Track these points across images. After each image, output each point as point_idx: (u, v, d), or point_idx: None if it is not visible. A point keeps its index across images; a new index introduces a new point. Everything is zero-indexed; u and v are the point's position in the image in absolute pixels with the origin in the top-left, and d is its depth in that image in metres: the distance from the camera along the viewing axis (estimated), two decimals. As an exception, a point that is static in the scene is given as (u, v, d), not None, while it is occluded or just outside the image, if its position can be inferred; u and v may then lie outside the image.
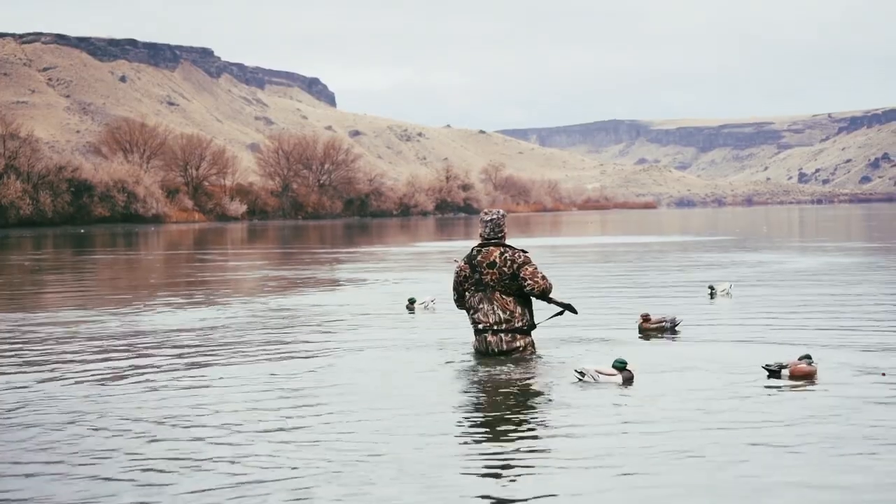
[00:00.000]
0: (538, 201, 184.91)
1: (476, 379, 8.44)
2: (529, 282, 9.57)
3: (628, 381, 8.09)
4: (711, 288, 15.41)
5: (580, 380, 8.09)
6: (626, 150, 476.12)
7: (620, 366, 8.18)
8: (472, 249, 9.89)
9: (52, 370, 9.18)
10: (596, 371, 8.12)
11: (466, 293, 9.83)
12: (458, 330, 11.30)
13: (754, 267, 22.45)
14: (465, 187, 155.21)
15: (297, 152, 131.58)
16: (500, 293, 9.60)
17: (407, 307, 14.13)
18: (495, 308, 9.58)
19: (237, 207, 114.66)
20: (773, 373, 8.16)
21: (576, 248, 34.76)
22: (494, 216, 9.88)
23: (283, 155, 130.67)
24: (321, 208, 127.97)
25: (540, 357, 9.48)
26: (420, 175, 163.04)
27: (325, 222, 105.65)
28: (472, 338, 10.09)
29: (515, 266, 9.59)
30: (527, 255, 9.78)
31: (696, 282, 18.07)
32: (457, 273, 9.89)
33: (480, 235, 9.91)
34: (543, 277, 9.70)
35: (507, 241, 9.96)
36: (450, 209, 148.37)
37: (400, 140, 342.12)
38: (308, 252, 35.48)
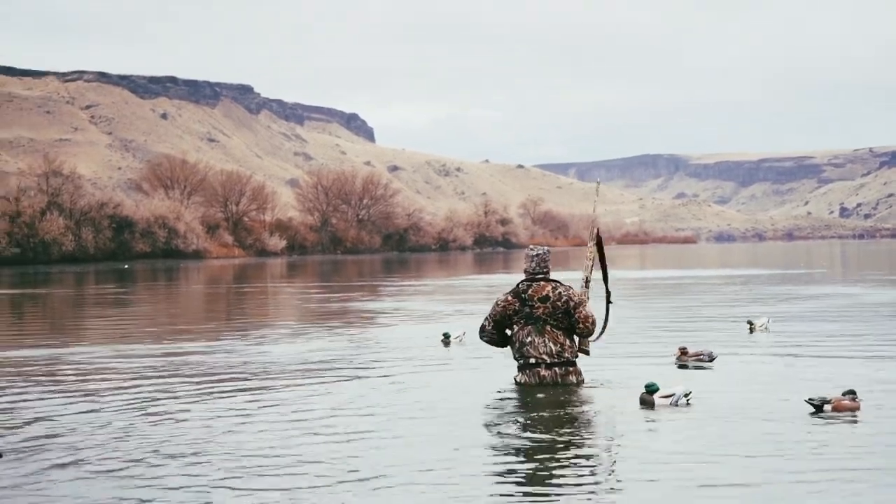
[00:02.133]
0: (577, 235, 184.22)
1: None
2: (582, 325, 9.85)
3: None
4: (750, 322, 15.33)
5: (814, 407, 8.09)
6: (665, 185, 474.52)
7: (653, 388, 8.50)
8: (520, 284, 10.00)
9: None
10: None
11: (515, 326, 9.95)
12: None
13: (834, 299, 22.32)
14: (504, 222, 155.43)
15: (335, 187, 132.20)
16: (552, 327, 9.80)
17: (442, 341, 14.16)
18: (546, 341, 9.77)
19: (276, 242, 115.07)
20: (817, 407, 8.08)
21: (637, 280, 34.60)
22: (541, 251, 10.11)
23: (321, 190, 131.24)
24: (360, 243, 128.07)
25: (591, 386, 9.63)
26: (458, 210, 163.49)
27: (364, 257, 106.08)
28: (513, 373, 10.13)
29: (571, 304, 9.82)
30: (578, 293, 9.96)
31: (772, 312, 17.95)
32: (503, 307, 9.95)
33: (525, 270, 10.08)
34: (594, 322, 9.93)
35: (552, 277, 10.12)
36: (488, 244, 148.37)
37: (438, 175, 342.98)
38: (379, 284, 35.60)
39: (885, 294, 24.19)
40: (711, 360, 11.32)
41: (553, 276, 10.19)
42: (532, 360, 9.77)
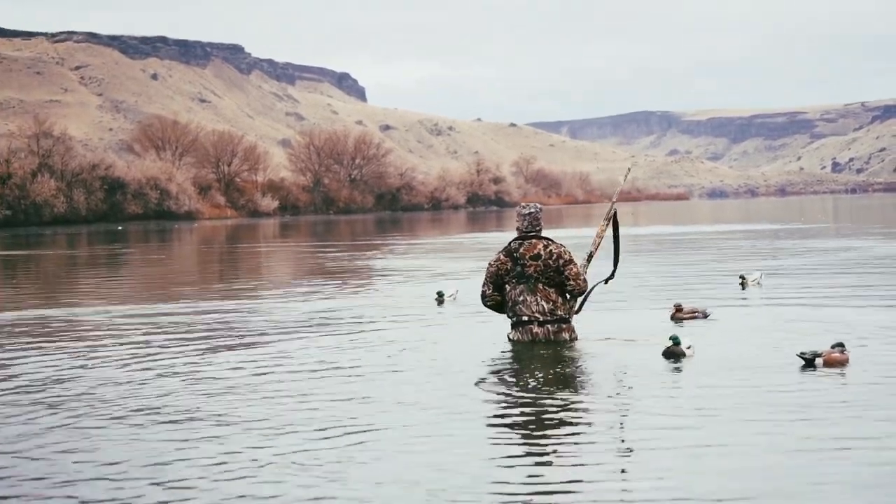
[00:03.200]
0: (570, 194, 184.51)
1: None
2: (572, 283, 9.84)
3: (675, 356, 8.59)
4: (742, 277, 15.41)
5: (805, 361, 8.16)
6: (658, 142, 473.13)
7: (678, 340, 8.72)
8: (511, 243, 9.99)
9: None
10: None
11: (507, 286, 9.96)
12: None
13: (847, 252, 22.44)
14: (497, 180, 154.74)
15: (327, 147, 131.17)
16: (544, 285, 9.80)
17: (436, 300, 14.21)
18: (538, 299, 9.78)
19: (269, 203, 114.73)
20: (808, 361, 8.15)
21: (631, 237, 34.57)
22: (532, 210, 10.04)
23: (314, 150, 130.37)
24: (352, 203, 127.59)
25: (583, 346, 9.60)
26: (451, 169, 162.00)
27: (357, 217, 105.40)
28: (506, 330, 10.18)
29: (561, 262, 9.80)
30: (569, 251, 9.97)
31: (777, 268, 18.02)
32: (496, 266, 9.96)
33: (517, 229, 10.04)
34: (584, 280, 9.94)
35: (544, 235, 10.10)
36: (481, 202, 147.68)
37: (430, 134, 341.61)
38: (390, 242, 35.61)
39: (883, 248, 24.27)
40: (706, 317, 11.47)
41: (546, 234, 10.18)
42: (525, 318, 9.80)
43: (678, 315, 11.45)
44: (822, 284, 15.30)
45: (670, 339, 8.73)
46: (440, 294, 14.30)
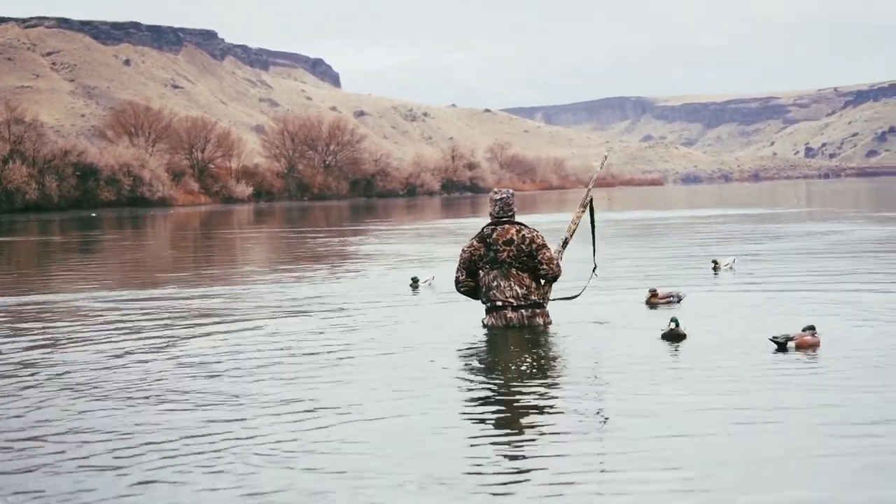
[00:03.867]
0: (544, 179, 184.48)
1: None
2: (545, 267, 9.88)
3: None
4: (715, 262, 15.48)
5: (777, 345, 8.23)
6: (632, 128, 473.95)
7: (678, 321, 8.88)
8: (484, 228, 10.05)
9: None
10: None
11: (480, 272, 10.01)
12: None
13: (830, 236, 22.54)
14: (471, 166, 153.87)
15: (302, 133, 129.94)
16: (517, 270, 9.85)
17: (411, 286, 14.20)
18: (512, 284, 9.83)
19: (243, 189, 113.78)
20: (780, 345, 8.21)
21: (605, 222, 34.65)
22: (504, 195, 10.07)
23: (288, 136, 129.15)
24: (327, 189, 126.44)
25: (559, 331, 9.63)
26: (426, 155, 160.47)
27: (332, 203, 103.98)
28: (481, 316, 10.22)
29: (534, 246, 9.84)
30: (542, 236, 10.01)
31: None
32: (469, 252, 10.03)
33: (490, 214, 10.10)
34: (558, 265, 10.00)
35: (517, 220, 10.16)
36: (456, 188, 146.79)
37: (405, 120, 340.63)
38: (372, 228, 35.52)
39: (857, 232, 24.43)
40: (679, 301, 11.50)
41: (520, 219, 10.22)
42: (498, 303, 9.86)
43: (653, 300, 11.48)
44: (795, 269, 15.37)
45: (672, 321, 8.82)
46: (415, 280, 14.30)
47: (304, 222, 48.18)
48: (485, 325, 9.94)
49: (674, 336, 8.74)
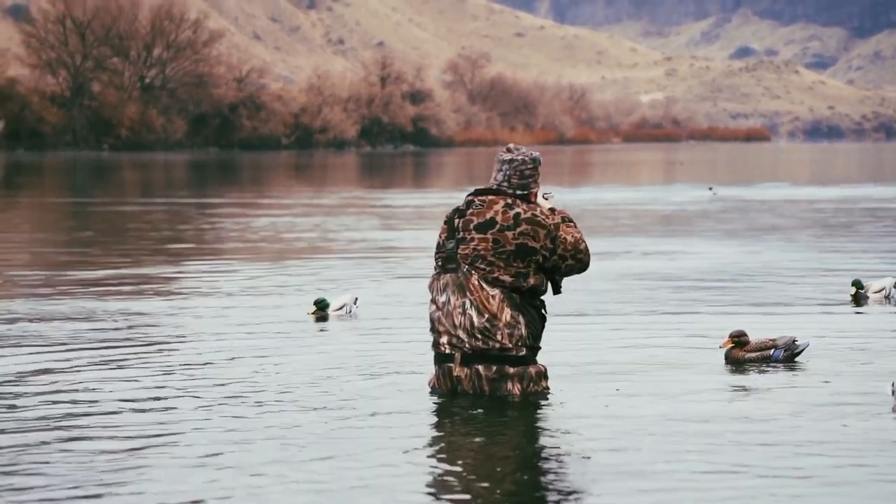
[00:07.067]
0: (550, 125, 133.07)
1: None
2: (571, 261, 6.41)
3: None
4: (857, 285, 10.60)
5: None
6: (716, 32, 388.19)
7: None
8: (466, 198, 6.62)
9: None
10: None
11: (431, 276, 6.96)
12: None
13: None
14: (417, 97, 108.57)
15: (99, 25, 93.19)
16: (481, 278, 6.26)
17: (313, 314, 9.84)
18: (466, 304, 6.28)
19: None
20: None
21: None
22: (523, 156, 6.45)
23: (72, 29, 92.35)
24: (147, 131, 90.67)
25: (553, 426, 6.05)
26: (332, 73, 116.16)
27: (157, 156, 76.14)
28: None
29: (542, 233, 6.26)
30: (562, 211, 6.64)
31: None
32: (438, 243, 6.64)
33: (495, 180, 6.55)
34: (586, 250, 6.47)
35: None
36: (387, 138, 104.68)
37: (295, 6, 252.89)
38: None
39: None
40: (793, 354, 7.73)
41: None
42: (442, 345, 6.32)
43: (736, 353, 7.68)
44: None
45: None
46: (321, 304, 10.06)
47: (99, 192, 36.73)
48: (430, 386, 6.65)
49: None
